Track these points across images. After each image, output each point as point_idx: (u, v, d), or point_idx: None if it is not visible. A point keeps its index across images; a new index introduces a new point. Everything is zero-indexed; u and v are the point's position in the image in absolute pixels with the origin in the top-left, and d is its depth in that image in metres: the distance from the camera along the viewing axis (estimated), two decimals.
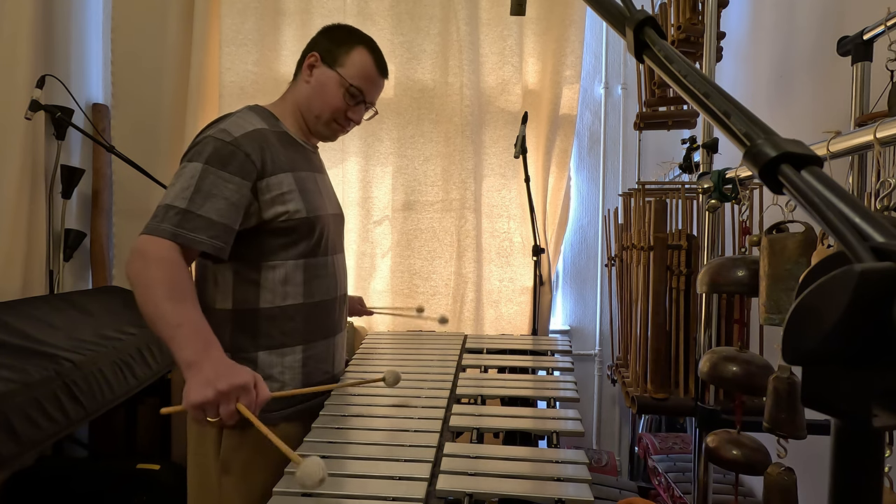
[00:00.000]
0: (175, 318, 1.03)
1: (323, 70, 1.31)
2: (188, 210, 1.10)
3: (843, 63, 1.29)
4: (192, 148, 1.17)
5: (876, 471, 0.33)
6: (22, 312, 1.79)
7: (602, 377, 2.95)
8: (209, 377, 0.97)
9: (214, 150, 1.14)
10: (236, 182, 1.14)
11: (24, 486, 2.01)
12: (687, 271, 1.79)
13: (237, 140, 1.16)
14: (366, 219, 2.74)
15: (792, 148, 0.37)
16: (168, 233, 1.08)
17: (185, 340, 1.02)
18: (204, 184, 1.12)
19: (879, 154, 0.78)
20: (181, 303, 1.05)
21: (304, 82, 1.32)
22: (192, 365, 0.99)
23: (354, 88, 1.31)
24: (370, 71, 1.33)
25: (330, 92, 1.30)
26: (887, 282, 0.28)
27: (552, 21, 2.69)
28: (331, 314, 1.33)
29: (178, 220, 1.09)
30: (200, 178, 1.12)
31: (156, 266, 1.06)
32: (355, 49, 1.31)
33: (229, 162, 1.14)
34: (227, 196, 1.13)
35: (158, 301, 1.04)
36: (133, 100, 2.66)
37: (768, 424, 0.94)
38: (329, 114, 1.32)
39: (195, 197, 1.11)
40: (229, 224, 1.14)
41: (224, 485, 1.19)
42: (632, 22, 0.49)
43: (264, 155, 1.19)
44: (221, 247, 1.13)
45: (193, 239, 1.09)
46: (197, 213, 1.10)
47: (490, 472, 0.95)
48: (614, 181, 2.95)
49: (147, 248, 1.08)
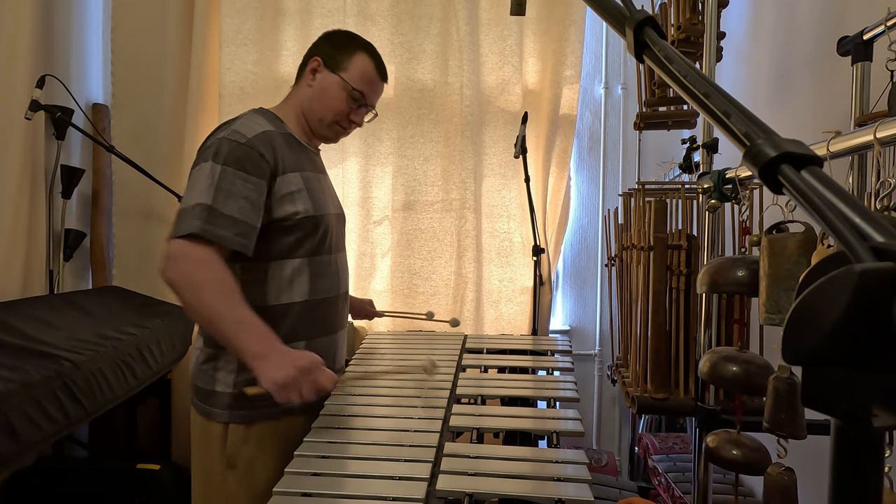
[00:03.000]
0: (234, 315, 1.09)
1: (326, 74, 1.34)
2: (213, 207, 1.12)
3: (843, 63, 1.29)
4: (206, 150, 1.19)
5: (876, 471, 0.33)
6: (22, 312, 1.79)
7: (602, 377, 2.95)
8: (285, 360, 1.07)
9: (230, 150, 1.17)
10: (254, 182, 1.17)
11: (24, 486, 2.01)
12: (687, 271, 1.79)
13: (251, 141, 1.19)
14: (366, 219, 2.74)
15: (792, 148, 0.37)
16: (198, 228, 1.10)
17: (248, 335, 1.09)
18: (224, 183, 1.14)
19: (879, 154, 0.78)
20: (234, 301, 1.11)
21: (306, 86, 1.35)
22: (259, 356, 1.07)
23: (356, 92, 1.34)
24: (371, 75, 1.37)
25: (333, 95, 1.34)
26: (887, 282, 0.28)
27: (552, 21, 2.69)
28: (333, 311, 1.36)
29: (206, 216, 1.11)
30: (220, 177, 1.14)
31: (202, 268, 1.10)
32: (357, 54, 1.35)
33: (246, 162, 1.17)
34: (246, 195, 1.16)
35: (214, 303, 1.09)
36: (133, 100, 2.66)
37: (768, 424, 0.94)
38: (332, 116, 1.35)
39: (218, 195, 1.13)
40: (252, 223, 1.17)
41: (229, 480, 1.21)
42: (632, 22, 0.49)
43: (276, 155, 1.22)
44: (246, 244, 1.16)
45: (222, 236, 1.12)
46: (221, 212, 1.12)
47: (490, 472, 0.95)
48: (614, 181, 2.95)
49: (187, 251, 1.10)
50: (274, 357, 1.07)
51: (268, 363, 1.06)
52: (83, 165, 2.47)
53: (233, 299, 1.11)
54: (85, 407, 1.59)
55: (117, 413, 2.26)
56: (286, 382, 1.05)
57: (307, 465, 0.97)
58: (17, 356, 1.51)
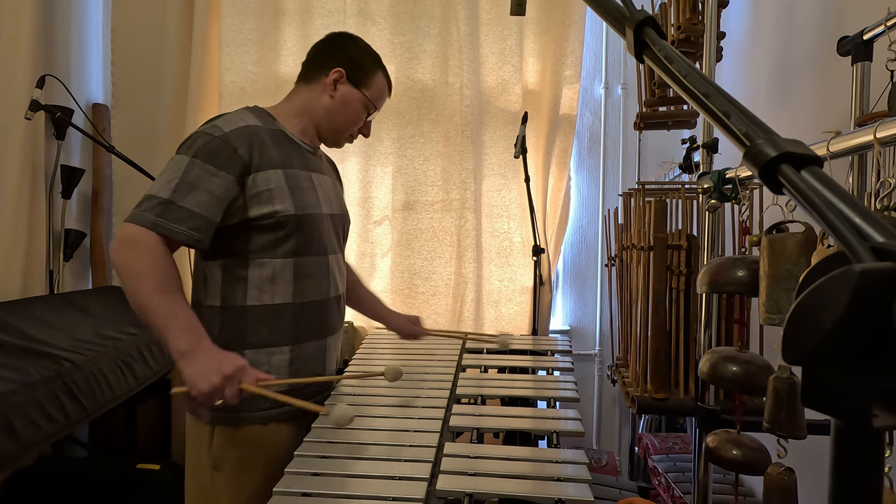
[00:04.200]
0: (168, 309, 1.08)
1: (349, 89, 1.35)
2: (170, 201, 1.13)
3: (843, 63, 1.29)
4: (184, 142, 1.21)
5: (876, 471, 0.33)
6: (22, 312, 1.79)
7: (602, 377, 2.95)
8: (211, 365, 1.05)
9: (203, 144, 1.17)
10: (221, 176, 1.17)
11: (24, 486, 2.01)
12: (687, 271, 1.79)
13: (226, 135, 1.19)
14: (366, 219, 2.74)
15: (792, 148, 0.37)
16: (149, 222, 1.11)
17: (179, 331, 1.07)
18: (189, 176, 1.14)
19: (879, 154, 0.78)
20: (172, 294, 1.10)
21: (327, 95, 1.35)
22: (186, 354, 1.06)
23: (374, 108, 1.40)
24: (385, 92, 1.43)
25: (353, 109, 1.37)
26: (887, 282, 0.28)
27: (552, 21, 2.69)
28: (323, 315, 1.32)
29: (160, 210, 1.12)
30: (186, 170, 1.15)
31: (146, 257, 1.10)
32: (378, 72, 1.39)
33: (216, 156, 1.17)
34: (210, 189, 1.15)
35: (150, 292, 1.08)
36: (133, 100, 2.66)
37: (768, 424, 0.94)
38: (349, 129, 1.39)
39: (179, 188, 1.14)
40: (210, 217, 1.16)
41: (216, 481, 1.21)
42: (632, 22, 0.49)
43: (252, 150, 1.21)
44: (200, 238, 1.15)
45: (173, 229, 1.12)
46: (179, 205, 1.13)
47: (490, 472, 0.95)
48: (614, 181, 2.95)
49: (135, 237, 1.11)
50: (200, 359, 1.05)
51: (193, 365, 1.05)
52: (83, 165, 2.47)
53: (171, 293, 1.09)
54: (85, 407, 1.59)
55: (117, 413, 2.26)
56: (211, 390, 1.03)
57: (307, 465, 0.97)
58: (17, 356, 1.51)
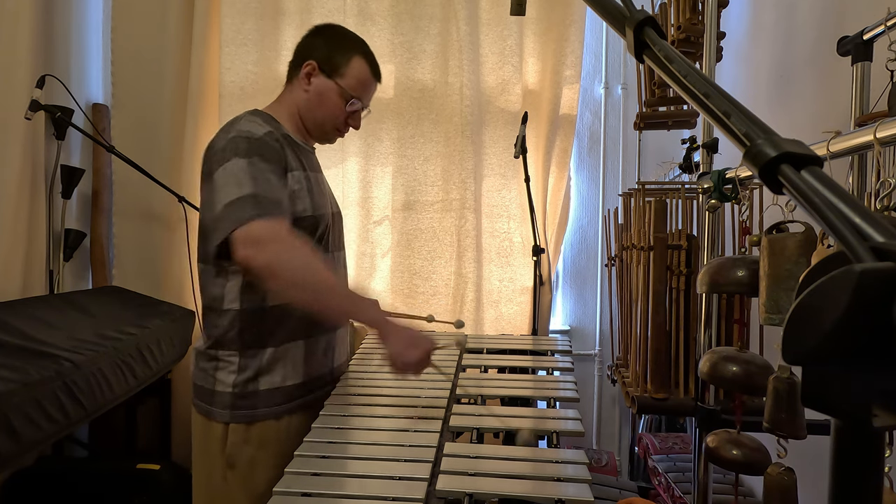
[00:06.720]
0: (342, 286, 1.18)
1: (322, 80, 1.32)
2: (256, 194, 1.13)
3: (843, 63, 1.29)
4: (223, 152, 1.18)
5: (876, 471, 0.33)
6: (22, 312, 1.79)
7: (602, 377, 2.95)
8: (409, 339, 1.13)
9: (249, 145, 1.17)
10: (278, 172, 1.19)
11: (24, 486, 2.01)
12: (687, 271, 1.79)
13: (263, 137, 1.20)
14: (366, 219, 2.73)
15: (792, 148, 0.37)
16: (256, 216, 1.11)
17: (363, 304, 1.16)
18: (253, 171, 1.15)
19: (879, 154, 0.78)
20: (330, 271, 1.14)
21: (302, 90, 1.34)
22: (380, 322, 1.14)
23: (353, 98, 1.34)
24: (367, 79, 1.36)
25: (330, 101, 1.33)
26: (887, 282, 0.28)
27: (552, 21, 2.69)
28: None
29: (254, 203, 1.12)
30: (248, 168, 1.15)
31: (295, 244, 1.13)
32: (353, 58, 1.33)
33: (265, 153, 1.18)
34: (274, 182, 1.17)
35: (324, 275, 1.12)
36: (133, 100, 2.65)
37: (768, 424, 0.94)
38: (331, 122, 1.36)
39: (254, 184, 1.14)
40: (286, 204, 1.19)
41: (229, 480, 1.21)
42: (632, 22, 0.49)
43: (284, 151, 1.23)
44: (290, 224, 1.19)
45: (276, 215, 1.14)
46: (264, 195, 1.14)
47: (490, 472, 0.95)
48: (614, 181, 2.95)
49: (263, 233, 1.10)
50: (400, 331, 1.13)
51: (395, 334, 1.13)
52: (83, 165, 2.47)
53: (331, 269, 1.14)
54: (85, 407, 1.59)
55: (117, 413, 2.26)
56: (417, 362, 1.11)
57: (307, 465, 0.97)
58: (17, 356, 1.51)
